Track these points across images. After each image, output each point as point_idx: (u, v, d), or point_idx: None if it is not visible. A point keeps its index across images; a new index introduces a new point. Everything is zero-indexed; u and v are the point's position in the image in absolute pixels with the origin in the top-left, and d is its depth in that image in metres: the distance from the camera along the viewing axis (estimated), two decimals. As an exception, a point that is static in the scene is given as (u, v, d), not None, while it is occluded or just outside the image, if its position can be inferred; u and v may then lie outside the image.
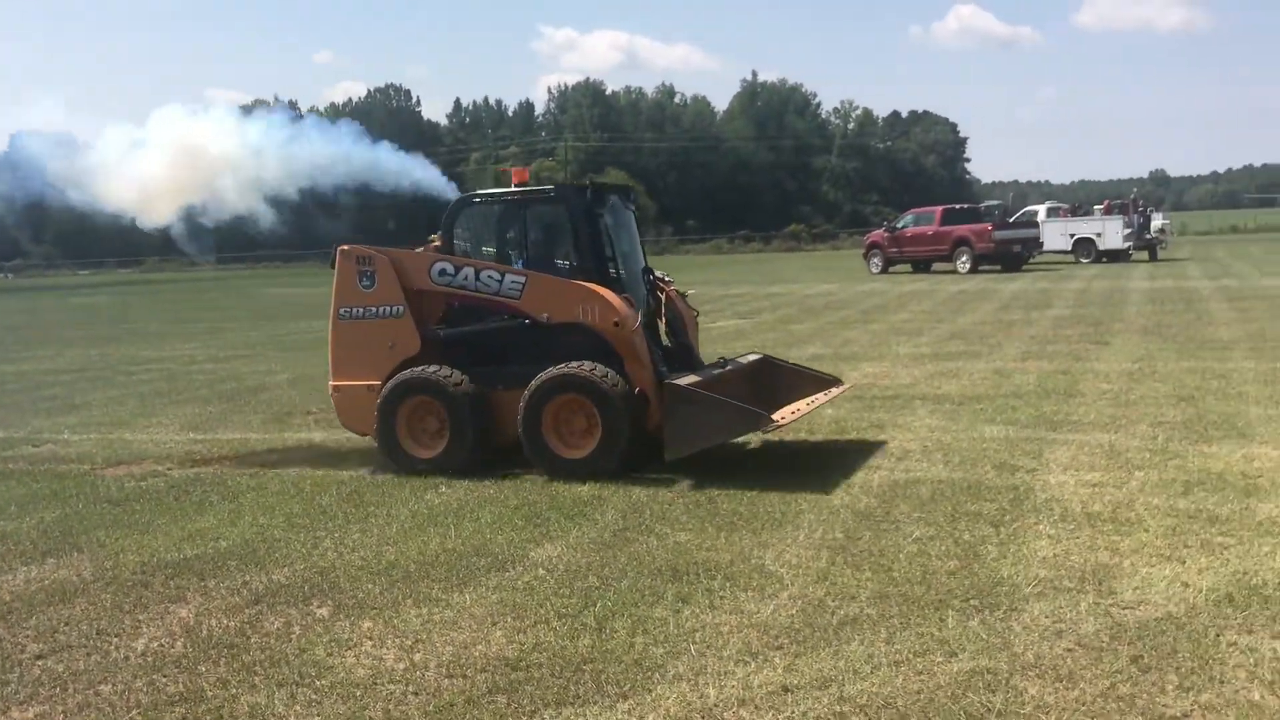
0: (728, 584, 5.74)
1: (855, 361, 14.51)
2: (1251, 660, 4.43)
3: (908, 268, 38.00)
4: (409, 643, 5.17)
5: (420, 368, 8.74)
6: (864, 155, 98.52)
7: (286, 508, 7.93)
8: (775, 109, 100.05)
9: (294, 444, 10.68)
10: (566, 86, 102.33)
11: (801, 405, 8.84)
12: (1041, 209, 44.35)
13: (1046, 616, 5.03)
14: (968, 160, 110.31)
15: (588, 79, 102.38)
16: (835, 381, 9.64)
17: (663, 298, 9.38)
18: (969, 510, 6.90)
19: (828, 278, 36.92)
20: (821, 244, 75.05)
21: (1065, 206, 46.05)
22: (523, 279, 8.76)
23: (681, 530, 6.81)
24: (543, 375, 8.35)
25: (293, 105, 76.00)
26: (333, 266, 9.17)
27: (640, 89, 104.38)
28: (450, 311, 9.24)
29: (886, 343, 16.66)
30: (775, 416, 8.22)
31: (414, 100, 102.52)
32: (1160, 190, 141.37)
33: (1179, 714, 4.04)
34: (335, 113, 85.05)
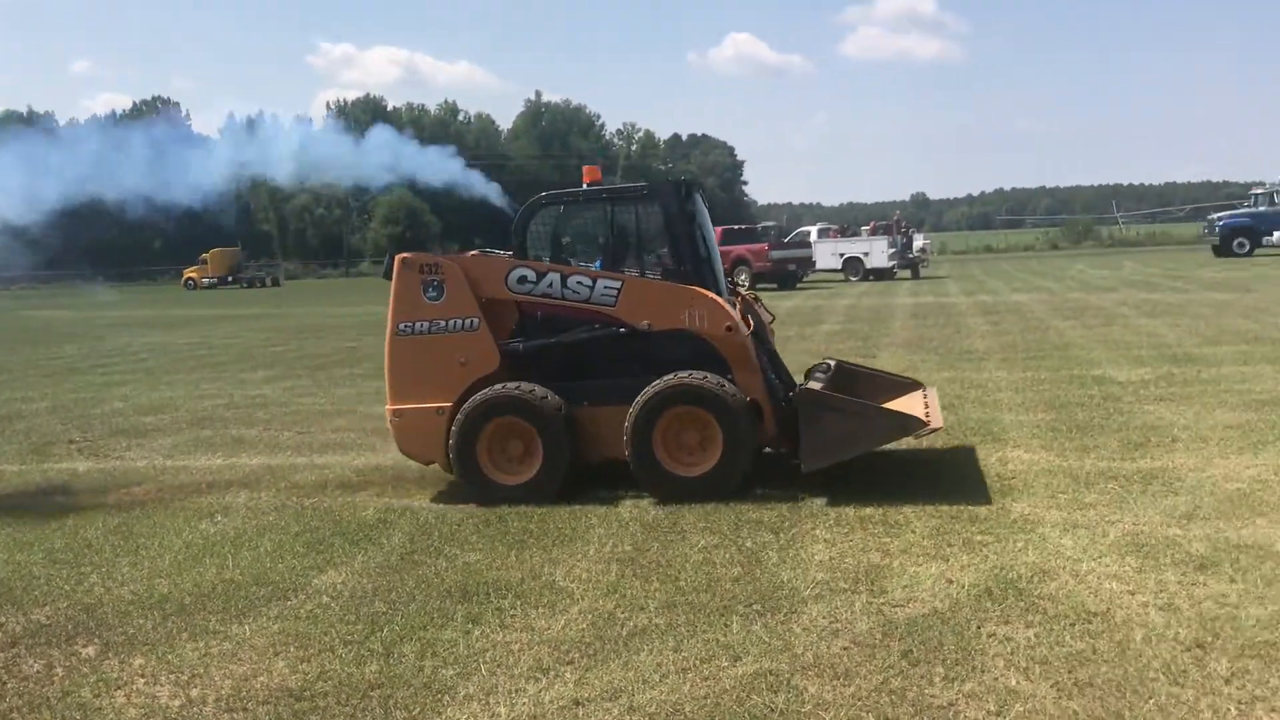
0: (518, 602, 5.74)
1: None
2: (1008, 649, 4.75)
3: (690, 285, 38.82)
4: (185, 678, 4.94)
5: (503, 385, 8.00)
6: (647, 176, 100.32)
7: (47, 542, 7.43)
8: (560, 129, 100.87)
9: (55, 475, 10.00)
10: (346, 102, 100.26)
11: (919, 406, 8.39)
12: (813, 230, 46.40)
13: (824, 617, 5.26)
14: (745, 182, 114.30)
15: (368, 95, 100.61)
16: (916, 384, 9.30)
17: (737, 301, 8.81)
18: (751, 518, 7.12)
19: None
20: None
21: (835, 227, 48.33)
22: (618, 284, 8.12)
23: (471, 550, 6.77)
24: (654, 387, 7.76)
25: (47, 116, 71.61)
26: (387, 277, 8.36)
27: (423, 106, 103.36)
28: (524, 322, 8.39)
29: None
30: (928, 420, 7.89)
31: (184, 113, 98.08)
32: (921, 212, 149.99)
33: (945, 703, 4.29)
34: (99, 125, 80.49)
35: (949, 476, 8.07)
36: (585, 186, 8.77)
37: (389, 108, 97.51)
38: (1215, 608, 5.11)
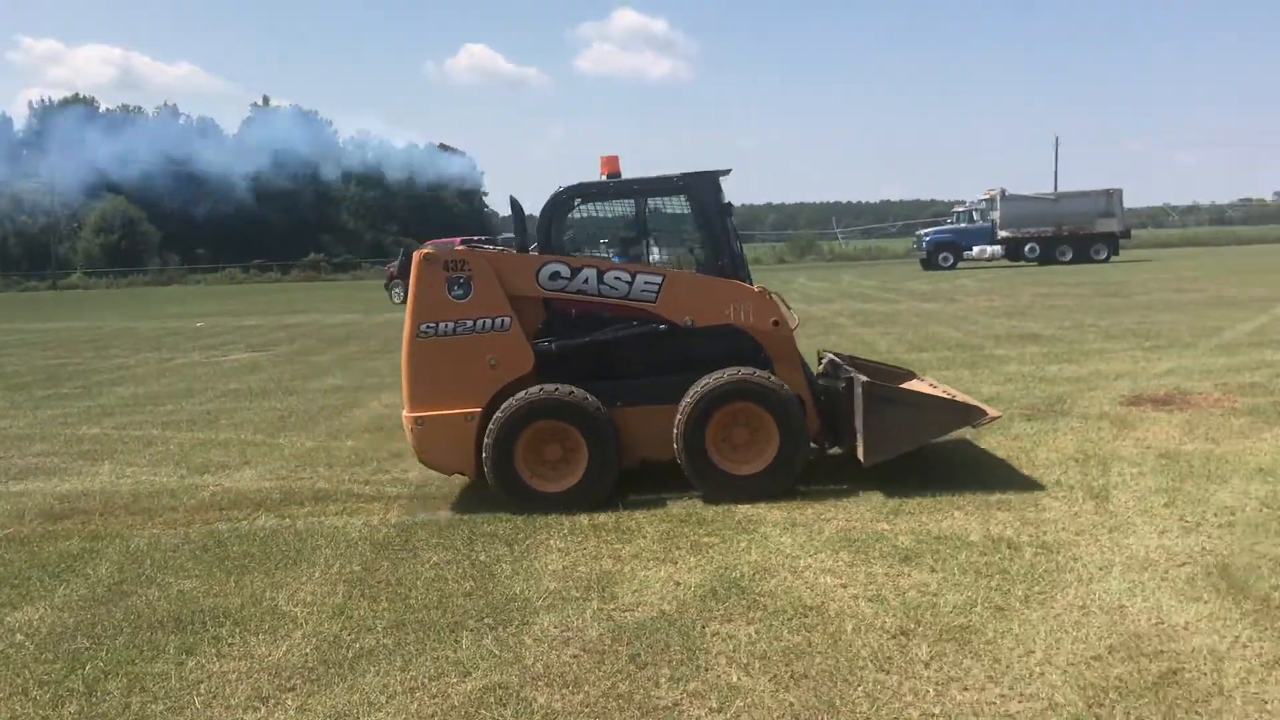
0: (237, 629, 5.46)
1: (376, 391, 14.41)
2: (730, 647, 4.91)
3: (428, 297, 38.34)
4: None
5: (543, 388, 7.56)
6: (383, 185, 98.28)
7: None
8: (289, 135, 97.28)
9: None
10: (51, 101, 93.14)
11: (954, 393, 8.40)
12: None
13: (555, 626, 5.27)
14: (485, 194, 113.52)
15: (77, 94, 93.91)
16: (910, 373, 9.13)
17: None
18: (485, 531, 7.07)
19: (349, 308, 36.41)
20: (343, 274, 73.94)
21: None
22: (659, 279, 7.84)
23: (186, 578, 6.39)
24: (706, 384, 7.52)
25: None
26: (404, 275, 7.37)
27: (140, 108, 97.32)
28: (552, 320, 7.97)
29: (407, 372, 16.66)
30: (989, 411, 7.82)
31: None
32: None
33: (670, 704, 4.38)
34: None
35: (678, 480, 8.28)
36: (604, 178, 8.35)
37: (101, 109, 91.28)
38: (918, 596, 5.47)
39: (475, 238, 8.61)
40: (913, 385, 8.92)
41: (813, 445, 8.07)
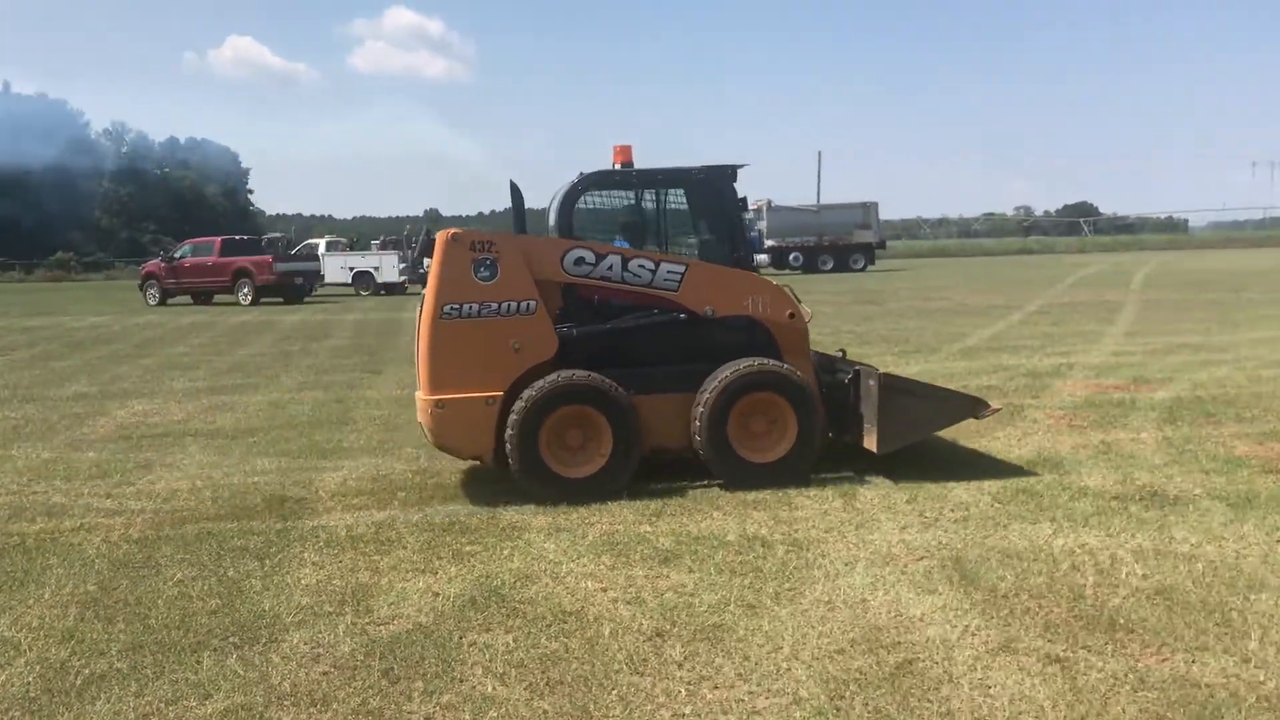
0: (-51, 660, 5.02)
1: (125, 398, 13.57)
2: (487, 656, 4.86)
3: (188, 299, 36.65)
4: None
5: (572, 373, 7.57)
6: (139, 181, 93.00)
7: None
8: (33, 125, 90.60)
9: None
10: None
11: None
12: (322, 243, 45.42)
13: (305, 644, 5.08)
14: (251, 191, 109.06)
15: None
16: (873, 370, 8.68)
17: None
18: (235, 546, 6.75)
19: (100, 309, 34.25)
20: (95, 274, 69.52)
21: (345, 241, 47.60)
22: (682, 268, 7.92)
23: (-107, 605, 5.82)
24: (730, 374, 7.68)
25: None
26: (427, 255, 6.50)
27: None
28: (570, 306, 7.91)
29: (160, 378, 15.82)
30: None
31: None
32: (435, 228, 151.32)
33: (422, 717, 4.29)
34: None
35: (443, 488, 8.16)
36: (618, 166, 8.38)
37: None
38: (675, 597, 5.56)
39: (238, 237, 8.24)
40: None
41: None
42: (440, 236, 7.77)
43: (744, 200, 8.49)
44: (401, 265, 39.89)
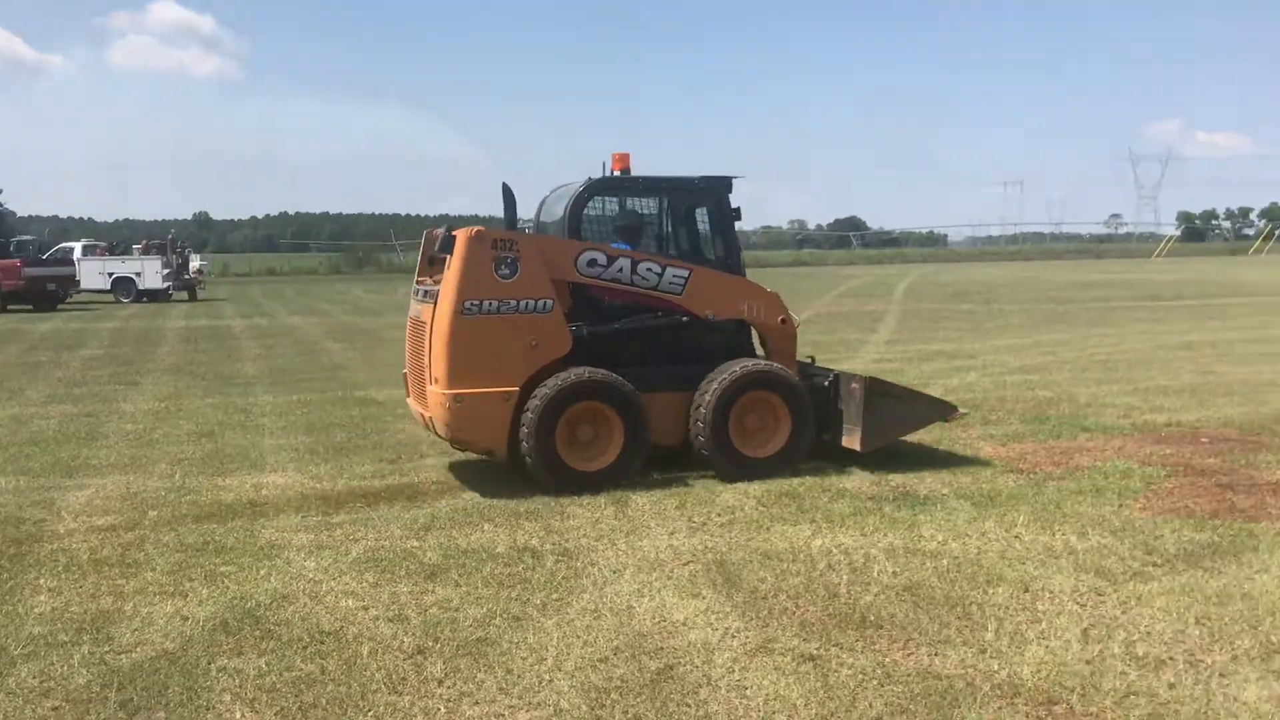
0: None
1: None
2: (237, 682, 4.62)
3: (-77, 307, 33.75)
4: None
5: (585, 370, 7.88)
6: None
7: None
8: None
9: None
10: None
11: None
12: (78, 246, 42.65)
13: (34, 677, 4.70)
14: (0, 190, 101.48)
15: None
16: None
17: None
18: (-41, 574, 6.21)
19: None
20: None
21: (103, 245, 44.90)
22: (686, 272, 8.32)
23: None
24: (729, 373, 8.15)
25: None
26: (447, 251, 7.81)
27: None
28: (579, 306, 8.25)
29: (-117, 392, 14.46)
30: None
31: None
32: (204, 232, 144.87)
33: (162, 751, 4.04)
34: None
35: (199, 508, 7.76)
36: (617, 173, 8.74)
37: None
38: (439, 613, 5.44)
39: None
40: None
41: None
42: (462, 234, 7.86)
43: (738, 210, 8.85)
44: (165, 271, 37.98)
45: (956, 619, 5.26)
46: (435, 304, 7.95)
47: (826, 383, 8.76)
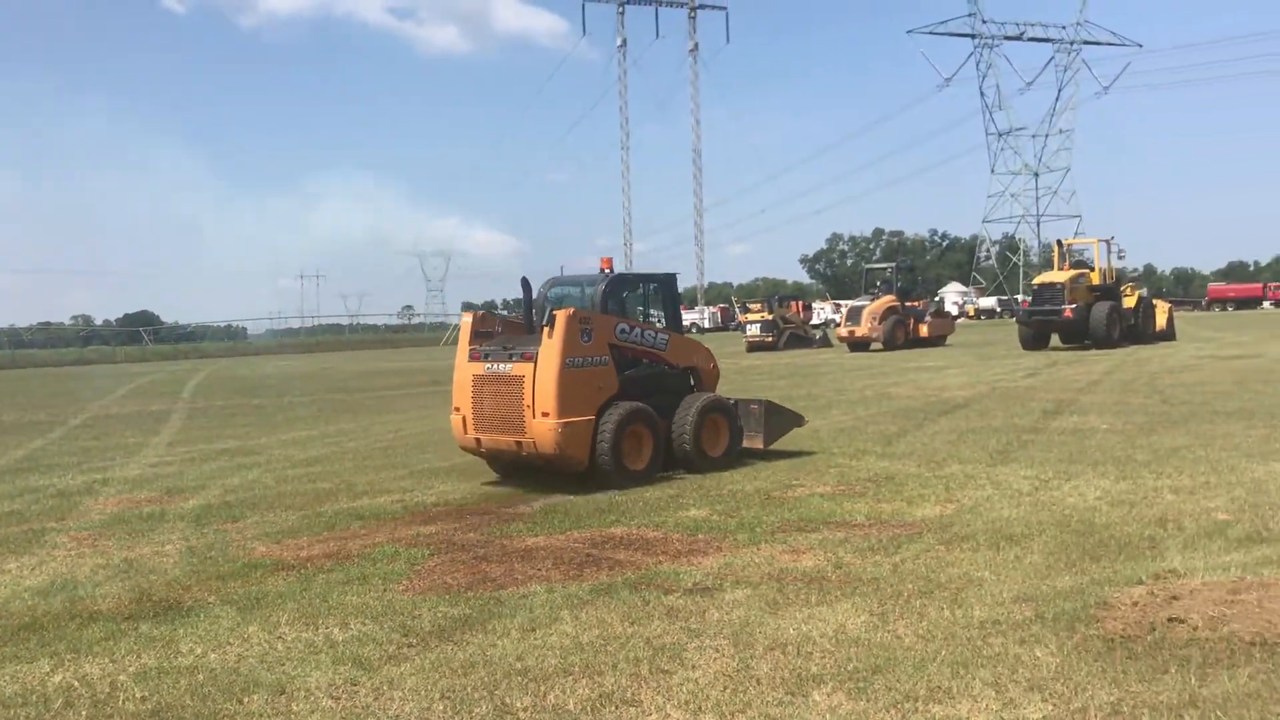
0: None
1: None
2: None
3: None
4: None
5: (633, 404, 11.84)
6: None
7: None
8: None
9: None
10: None
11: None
12: None
13: None
14: None
15: None
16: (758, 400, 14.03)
17: None
18: None
19: None
20: None
21: None
22: (667, 336, 12.75)
23: None
24: (700, 402, 12.45)
25: None
26: (549, 324, 11.33)
27: None
28: (616, 359, 12.00)
29: None
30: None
31: None
32: None
33: None
34: None
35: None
36: (606, 272, 12.76)
37: None
38: None
39: None
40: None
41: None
42: (561, 314, 11.34)
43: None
44: None
45: (207, 737, 4.98)
46: (535, 361, 11.39)
47: (734, 403, 13.09)
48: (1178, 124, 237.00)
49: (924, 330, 43.66)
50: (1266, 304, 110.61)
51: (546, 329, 11.33)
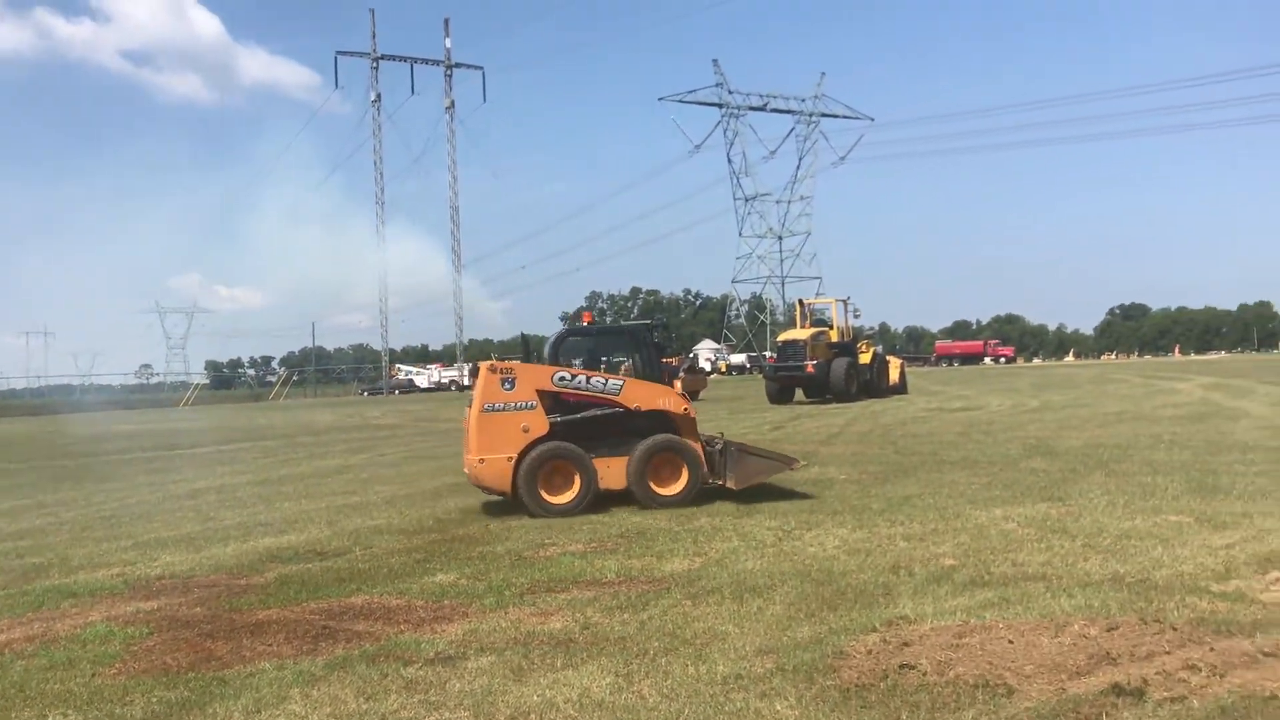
0: None
1: None
2: None
3: None
4: None
5: (557, 443, 12.84)
6: None
7: None
8: None
9: None
10: None
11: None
12: None
13: None
14: None
15: None
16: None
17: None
18: None
19: None
20: None
21: None
22: (621, 382, 13.28)
23: None
24: (648, 442, 13.06)
25: None
26: (474, 376, 13.29)
27: None
28: (556, 403, 13.09)
29: None
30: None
31: None
32: None
33: None
34: None
35: None
36: (585, 325, 14.98)
37: None
38: None
39: None
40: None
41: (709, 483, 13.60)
42: (483, 367, 13.13)
43: (661, 341, 14.67)
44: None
45: None
46: (471, 405, 12.98)
47: (718, 449, 13.52)
48: (907, 192, 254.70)
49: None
50: (987, 359, 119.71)
51: (471, 379, 14.01)
